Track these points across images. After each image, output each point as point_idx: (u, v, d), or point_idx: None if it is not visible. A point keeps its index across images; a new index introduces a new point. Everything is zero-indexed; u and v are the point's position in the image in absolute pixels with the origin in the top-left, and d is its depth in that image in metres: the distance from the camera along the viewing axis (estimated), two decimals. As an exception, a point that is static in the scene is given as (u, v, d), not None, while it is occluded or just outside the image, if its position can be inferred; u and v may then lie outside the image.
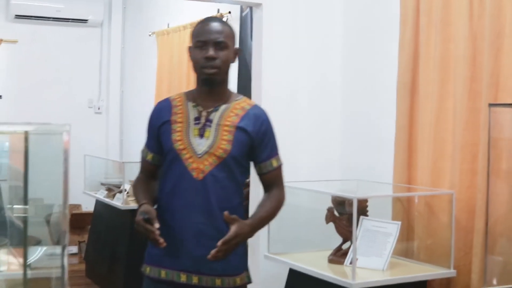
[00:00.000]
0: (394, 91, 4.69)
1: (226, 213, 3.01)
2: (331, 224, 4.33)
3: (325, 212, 4.35)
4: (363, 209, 4.32)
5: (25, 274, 3.17)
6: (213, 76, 3.11)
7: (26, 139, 2.89)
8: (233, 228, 2.99)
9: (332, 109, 5.42)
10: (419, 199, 4.47)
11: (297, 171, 5.01)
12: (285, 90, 5.28)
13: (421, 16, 4.52)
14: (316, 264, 4.24)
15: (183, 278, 3.12)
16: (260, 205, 3.25)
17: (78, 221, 8.75)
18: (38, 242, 3.59)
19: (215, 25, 3.16)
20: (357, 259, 4.05)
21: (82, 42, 10.06)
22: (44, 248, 3.76)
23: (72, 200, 8.63)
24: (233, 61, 3.22)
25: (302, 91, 5.36)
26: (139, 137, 3.27)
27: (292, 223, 4.57)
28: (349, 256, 4.17)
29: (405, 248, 4.50)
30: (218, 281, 3.13)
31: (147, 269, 3.22)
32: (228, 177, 3.14)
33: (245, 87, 6.19)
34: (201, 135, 3.14)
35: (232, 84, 6.96)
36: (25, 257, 3.24)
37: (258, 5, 5.23)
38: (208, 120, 3.16)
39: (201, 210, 3.09)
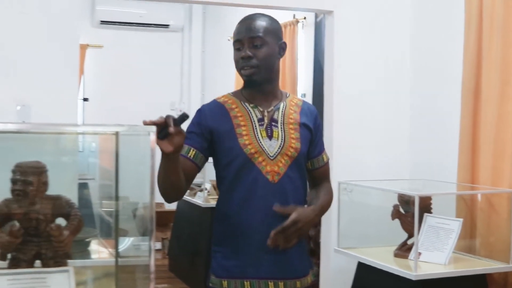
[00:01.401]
0: (459, 93, 4.84)
1: (276, 207, 2.88)
2: (397, 221, 4.54)
3: (391, 209, 4.57)
4: (427, 207, 4.51)
5: (116, 261, 3.39)
6: (252, 76, 2.98)
7: (117, 140, 3.15)
8: (291, 216, 2.82)
9: (400, 111, 5.60)
10: (481, 197, 4.63)
11: (367, 170, 5.25)
12: (356, 92, 5.48)
13: (484, 22, 4.65)
14: (382, 258, 4.46)
15: (270, 285, 2.98)
16: (317, 196, 3.10)
17: (161, 219, 8.94)
18: (126, 234, 3.90)
19: (249, 23, 3.01)
20: (420, 254, 4.27)
21: (164, 46, 10.30)
22: (131, 239, 4.06)
23: (155, 199, 8.87)
24: (278, 56, 3.04)
25: (372, 93, 5.56)
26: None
27: (360, 220, 4.79)
28: (413, 251, 4.39)
29: (468, 244, 4.66)
30: (298, 283, 3.03)
31: (224, 283, 3.02)
32: (300, 176, 3.03)
33: (319, 88, 6.42)
34: (270, 136, 2.97)
35: (308, 85, 7.23)
36: (116, 246, 3.54)
37: (330, 12, 5.47)
38: (273, 120, 3.00)
39: (280, 214, 2.88)
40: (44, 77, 4.87)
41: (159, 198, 3.05)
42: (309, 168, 3.14)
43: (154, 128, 2.61)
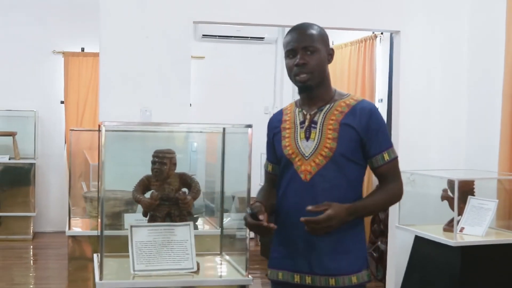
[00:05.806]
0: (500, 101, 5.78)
1: (309, 207, 2.86)
2: (446, 202, 5.46)
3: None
4: (470, 191, 5.45)
5: (221, 231, 4.47)
6: (307, 82, 3.02)
7: (223, 134, 4.18)
8: (327, 211, 2.83)
9: (456, 116, 6.46)
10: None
11: (428, 164, 6.17)
12: (418, 102, 6.37)
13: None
14: (434, 232, 5.43)
15: (296, 278, 3.06)
16: (369, 194, 3.10)
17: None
18: (227, 211, 4.93)
19: (301, 32, 3.05)
20: (464, 228, 5.26)
21: (259, 57, 10.94)
22: (231, 215, 5.09)
23: (252, 193, 9.50)
24: (328, 62, 3.09)
25: (432, 102, 6.40)
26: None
27: (417, 202, 5.75)
28: (459, 226, 5.34)
29: (507, 223, 5.60)
30: (332, 281, 3.00)
31: (268, 272, 3.20)
32: (338, 176, 2.99)
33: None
34: (307, 137, 3.04)
35: (385, 92, 8.07)
36: (221, 220, 4.55)
37: (397, 32, 6.36)
38: (313, 122, 3.05)
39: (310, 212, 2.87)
40: (162, 87, 5.83)
41: (255, 192, 3.60)
42: (371, 168, 3.08)
43: (251, 126, 3.59)
